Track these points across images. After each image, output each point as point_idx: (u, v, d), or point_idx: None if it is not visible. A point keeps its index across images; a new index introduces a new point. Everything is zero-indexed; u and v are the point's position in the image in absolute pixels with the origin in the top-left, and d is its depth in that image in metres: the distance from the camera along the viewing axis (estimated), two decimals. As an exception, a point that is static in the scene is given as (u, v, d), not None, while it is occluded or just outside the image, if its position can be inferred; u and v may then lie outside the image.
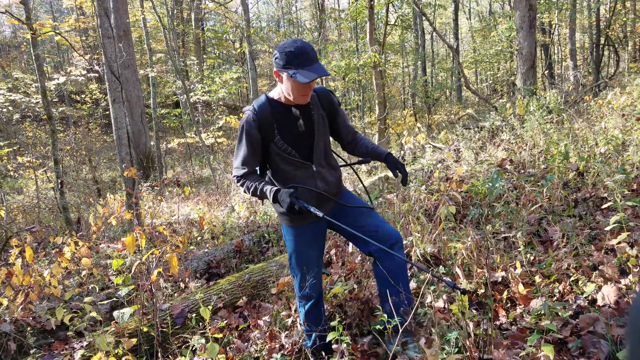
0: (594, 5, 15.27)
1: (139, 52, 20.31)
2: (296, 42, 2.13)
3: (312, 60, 2.10)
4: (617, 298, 2.38)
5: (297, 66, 2.07)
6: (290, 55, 2.08)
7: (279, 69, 2.14)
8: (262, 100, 2.32)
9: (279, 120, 2.28)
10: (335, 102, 2.44)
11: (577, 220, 3.61)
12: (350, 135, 2.53)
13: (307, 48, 2.10)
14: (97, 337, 2.25)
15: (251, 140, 2.27)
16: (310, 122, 2.33)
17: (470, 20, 27.09)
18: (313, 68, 2.09)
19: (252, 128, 2.25)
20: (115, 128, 6.54)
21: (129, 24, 10.59)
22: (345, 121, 2.51)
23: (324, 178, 2.38)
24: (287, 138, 2.29)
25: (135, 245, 2.76)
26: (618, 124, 5.83)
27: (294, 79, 2.07)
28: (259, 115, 2.26)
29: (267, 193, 2.23)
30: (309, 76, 2.06)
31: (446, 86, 21.24)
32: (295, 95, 2.19)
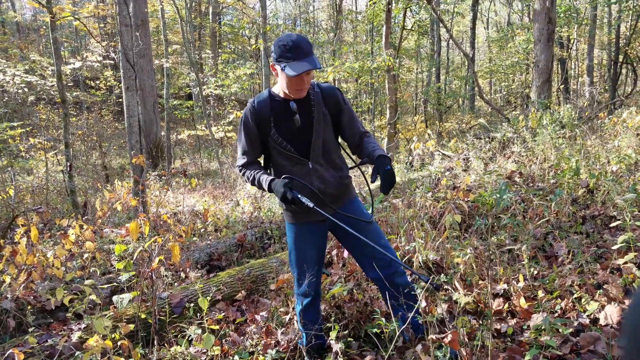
0: (615, 22, 15.15)
1: (155, 42, 20.41)
2: (291, 35, 2.13)
3: (305, 54, 2.09)
4: (620, 318, 2.35)
5: (288, 59, 2.08)
6: (283, 49, 2.08)
7: (273, 62, 2.16)
8: (263, 94, 2.35)
9: (277, 115, 2.29)
10: (340, 100, 2.39)
11: (584, 237, 3.58)
12: (357, 137, 2.43)
13: (301, 42, 2.10)
14: (95, 320, 2.26)
15: (248, 132, 2.33)
16: (309, 119, 2.30)
17: (487, 30, 26.96)
18: (304, 61, 2.08)
19: (249, 120, 2.31)
20: (127, 116, 6.57)
21: (147, 13, 10.66)
22: (351, 122, 2.43)
23: (321, 176, 2.34)
24: (284, 133, 2.30)
25: (138, 232, 2.76)
26: (632, 143, 5.77)
27: (284, 72, 2.08)
28: (257, 108, 2.29)
29: (263, 182, 2.27)
30: (297, 69, 2.06)
31: (459, 94, 21.14)
32: (289, 89, 2.20)
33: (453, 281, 2.96)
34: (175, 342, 2.87)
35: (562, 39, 17.13)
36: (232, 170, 11.39)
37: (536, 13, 9.87)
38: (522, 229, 3.71)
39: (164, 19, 15.56)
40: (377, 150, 2.31)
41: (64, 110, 6.69)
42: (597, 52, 20.12)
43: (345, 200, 2.44)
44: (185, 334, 2.77)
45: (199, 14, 21.00)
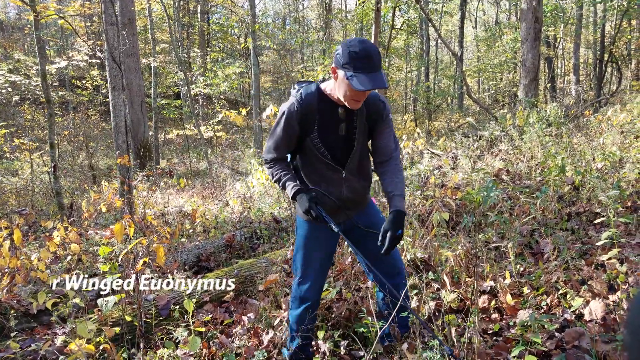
0: (600, 22, 15.32)
1: (142, 41, 20.25)
2: (364, 42, 1.94)
3: (375, 67, 1.91)
4: (604, 314, 2.37)
5: (356, 69, 1.90)
6: (353, 56, 1.90)
7: (337, 65, 1.98)
8: (311, 90, 2.16)
9: (322, 118, 2.15)
10: (382, 114, 2.22)
11: (569, 234, 3.61)
12: (383, 157, 2.29)
13: (373, 52, 1.91)
14: (79, 323, 2.23)
15: (288, 130, 2.16)
16: (351, 128, 2.19)
17: (476, 29, 27.12)
18: (373, 76, 1.90)
19: (292, 118, 2.13)
20: (113, 115, 6.50)
21: (134, 11, 10.56)
22: (384, 139, 2.27)
23: (351, 186, 2.27)
24: (325, 138, 2.17)
25: (123, 233, 2.73)
26: (616, 141, 5.83)
27: (349, 81, 1.91)
28: (303, 106, 2.12)
29: (289, 190, 2.20)
30: (366, 84, 1.88)
31: (448, 94, 21.25)
32: (347, 99, 2.04)
33: (441, 276, 2.96)
34: (162, 345, 2.84)
35: (548, 38, 17.29)
36: (222, 170, 11.33)
37: (523, 12, 9.94)
38: (508, 226, 3.73)
39: (151, 18, 15.45)
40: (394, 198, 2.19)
41: (48, 110, 6.61)
42: (583, 51, 20.33)
43: (364, 204, 2.41)
44: (172, 337, 2.74)
45: (187, 13, 20.86)
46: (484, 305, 2.76)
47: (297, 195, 2.17)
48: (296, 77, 15.84)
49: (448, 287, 2.89)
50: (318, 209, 2.11)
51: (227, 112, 7.06)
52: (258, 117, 11.99)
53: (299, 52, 22.18)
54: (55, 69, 12.25)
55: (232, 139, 18.17)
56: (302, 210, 2.12)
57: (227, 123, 18.34)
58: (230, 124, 19.48)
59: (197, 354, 2.69)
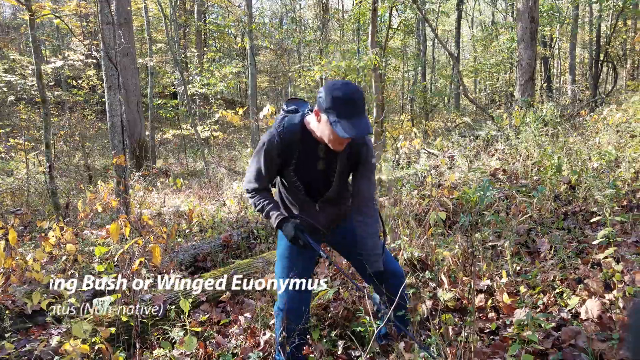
0: (595, 22, 15.36)
1: (139, 41, 20.20)
2: (347, 86, 1.91)
3: (359, 111, 1.90)
4: (600, 312, 2.38)
5: (340, 115, 1.88)
6: (337, 101, 1.87)
7: (320, 109, 1.94)
8: (295, 122, 2.12)
9: (302, 154, 2.14)
10: (363, 155, 2.19)
11: (565, 233, 3.61)
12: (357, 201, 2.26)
13: (356, 96, 1.90)
14: (74, 324, 2.21)
15: (267, 162, 2.15)
16: (331, 167, 2.18)
17: (472, 29, 27.16)
18: (357, 122, 1.88)
19: (272, 150, 2.11)
20: (109, 115, 6.47)
21: (130, 11, 10.54)
22: (360, 184, 2.24)
23: (328, 213, 2.30)
24: (302, 173, 2.18)
25: (119, 233, 2.72)
26: (612, 140, 5.84)
27: (332, 127, 1.89)
28: (284, 140, 2.10)
29: (272, 219, 2.19)
30: (350, 131, 1.86)
31: (444, 93, 21.27)
32: (330, 142, 2.02)
33: (439, 276, 2.96)
34: (158, 345, 2.83)
35: (545, 38, 17.33)
36: (219, 170, 11.31)
37: (519, 12, 9.97)
38: (505, 225, 3.73)
39: (147, 17, 15.41)
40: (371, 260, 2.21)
41: (44, 110, 6.58)
42: (579, 50, 20.39)
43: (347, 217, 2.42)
44: (168, 337, 2.73)
45: (184, 13, 20.83)
46: (480, 304, 2.76)
47: (282, 225, 2.17)
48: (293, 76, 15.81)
49: (445, 286, 2.89)
50: (304, 236, 2.11)
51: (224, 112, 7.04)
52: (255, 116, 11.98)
53: (296, 52, 22.18)
54: (51, 68, 12.21)
55: (229, 139, 18.14)
56: (288, 239, 2.13)
57: (224, 123, 18.31)
58: (227, 124, 19.46)
59: (194, 354, 2.68)
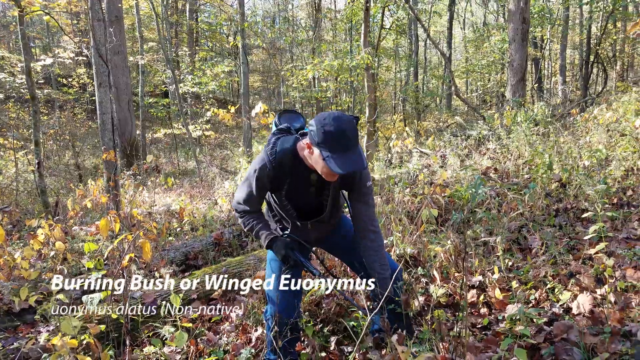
0: (586, 23, 15.49)
1: (130, 39, 20.07)
2: (339, 120, 1.86)
3: (351, 145, 1.86)
4: (592, 307, 2.38)
5: (333, 150, 1.84)
6: (328, 136, 1.84)
7: (312, 143, 1.91)
8: (287, 149, 2.08)
9: (293, 180, 2.12)
10: (356, 182, 2.16)
11: (556, 229, 3.63)
12: (358, 224, 2.24)
13: (348, 131, 1.86)
14: (63, 320, 2.18)
15: (258, 188, 2.14)
16: (323, 193, 2.18)
17: (464, 31, 27.29)
18: (350, 157, 1.85)
19: (264, 177, 2.10)
20: (99, 113, 6.42)
21: (121, 8, 10.47)
22: (357, 211, 2.21)
23: (318, 230, 2.32)
24: (293, 198, 2.18)
25: (109, 229, 2.68)
26: (602, 139, 5.89)
27: (326, 162, 1.86)
28: (276, 167, 2.07)
29: (262, 239, 2.20)
30: (344, 168, 1.83)
31: (436, 94, 21.35)
32: (323, 174, 1.99)
33: (431, 272, 2.96)
34: (149, 343, 2.80)
35: (535, 39, 17.45)
36: (210, 169, 11.26)
37: (511, 13, 10.02)
38: (496, 222, 3.74)
39: (139, 15, 15.32)
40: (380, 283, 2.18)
41: (33, 107, 6.50)
42: (570, 52, 20.55)
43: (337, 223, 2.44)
44: (159, 334, 2.70)
45: (176, 11, 20.73)
46: (472, 300, 2.76)
47: (272, 244, 2.18)
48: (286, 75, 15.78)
49: (438, 282, 2.89)
50: (295, 254, 2.12)
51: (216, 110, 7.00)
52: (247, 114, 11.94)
53: (289, 52, 22.15)
54: (41, 66, 12.09)
55: (221, 139, 18.07)
56: (280, 258, 2.15)
57: (215, 122, 18.24)
58: (219, 123, 19.39)
59: (185, 352, 2.66)
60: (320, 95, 15.67)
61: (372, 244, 2.21)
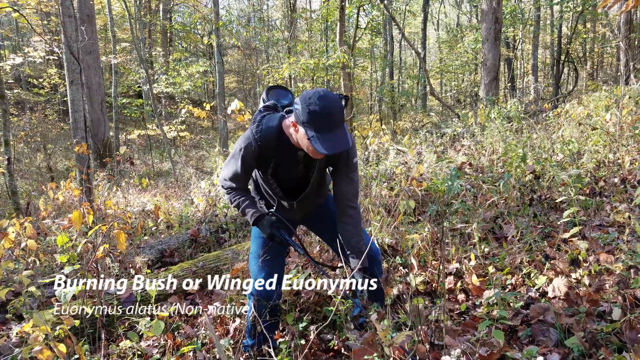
0: (557, 23, 15.87)
1: (102, 40, 19.72)
2: (325, 99, 1.82)
3: (337, 124, 1.83)
4: (567, 290, 2.43)
5: (318, 129, 1.81)
6: (314, 116, 1.80)
7: (297, 122, 1.88)
8: (272, 127, 2.06)
9: (279, 159, 2.10)
10: (343, 158, 2.14)
11: (531, 218, 3.69)
12: (339, 203, 2.21)
13: (334, 110, 1.82)
14: (35, 314, 2.12)
15: (245, 165, 2.13)
16: (309, 170, 2.16)
17: (438, 32, 27.64)
18: (336, 137, 1.82)
19: (249, 155, 2.08)
20: (71, 111, 6.26)
21: (93, 6, 10.27)
22: (342, 185, 2.18)
23: (304, 207, 2.32)
24: (279, 177, 2.18)
25: (82, 222, 2.62)
26: (574, 134, 6.02)
27: (311, 142, 1.83)
28: (261, 145, 2.05)
29: (248, 216, 2.19)
30: (329, 148, 1.80)
31: (412, 94, 21.56)
32: (308, 152, 1.97)
33: (409, 259, 2.97)
34: (125, 337, 2.74)
35: (508, 39, 17.80)
36: (185, 169, 11.11)
37: (484, 13, 10.19)
38: (472, 212, 3.79)
39: (111, 14, 15.06)
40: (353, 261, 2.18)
41: (2, 106, 6.32)
42: (541, 51, 21.01)
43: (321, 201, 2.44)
44: (136, 329, 2.65)
45: (149, 11, 20.44)
46: (450, 287, 2.78)
47: (258, 222, 2.18)
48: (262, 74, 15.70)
49: (415, 269, 2.90)
50: (281, 232, 2.13)
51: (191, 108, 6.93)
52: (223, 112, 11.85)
53: (264, 52, 22.08)
54: (10, 65, 11.76)
55: (197, 140, 17.88)
56: (265, 236, 2.16)
57: (190, 123, 18.04)
58: (194, 125, 19.19)
59: (162, 345, 2.61)
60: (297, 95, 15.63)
61: (350, 220, 2.20)
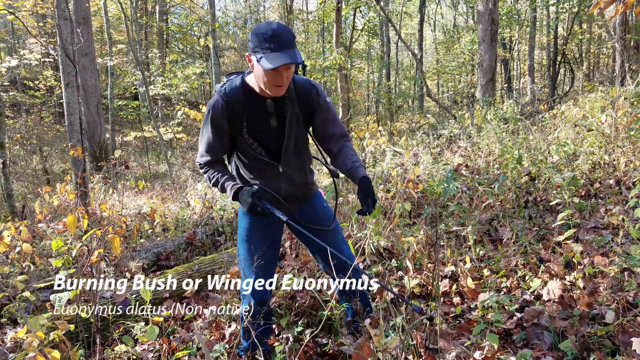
0: (553, 24, 15.92)
1: (98, 41, 19.68)
2: (271, 24, 1.86)
3: (285, 44, 1.82)
4: (561, 292, 2.44)
5: (265, 50, 1.81)
6: (260, 37, 1.82)
7: (250, 53, 1.89)
8: (236, 83, 2.05)
9: (250, 113, 2.05)
10: (315, 98, 2.10)
11: (526, 220, 3.70)
12: (332, 144, 2.16)
13: (281, 30, 1.83)
14: (30, 319, 2.11)
15: (216, 128, 2.07)
16: (282, 119, 2.07)
17: (434, 33, 27.70)
18: (284, 54, 1.80)
19: (218, 115, 2.03)
20: (67, 114, 6.25)
21: (89, 8, 10.25)
22: (325, 124, 2.15)
23: (291, 180, 2.18)
24: (256, 133, 2.08)
25: (77, 226, 2.61)
26: (570, 135, 6.04)
27: (260, 65, 1.82)
28: (228, 102, 2.02)
29: (228, 190, 2.08)
30: (275, 61, 1.78)
31: (408, 95, 21.59)
32: (267, 86, 1.92)
33: (404, 262, 2.98)
34: (120, 341, 2.73)
35: (504, 40, 17.84)
36: (182, 171, 11.09)
37: (480, 14, 10.22)
38: (468, 214, 3.80)
39: (107, 17, 15.03)
40: (356, 170, 2.07)
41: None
42: (537, 52, 21.08)
43: (308, 196, 2.32)
44: (131, 333, 2.64)
45: (145, 13, 20.40)
46: (445, 290, 2.79)
47: (239, 194, 2.05)
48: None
49: (411, 273, 2.91)
50: (263, 203, 2.00)
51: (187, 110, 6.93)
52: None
53: (261, 54, 22.01)
54: (6, 68, 11.73)
55: (193, 141, 17.85)
56: (246, 208, 2.01)
57: (187, 125, 18.01)
58: (190, 126, 19.16)
59: (157, 350, 2.60)
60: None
61: (347, 149, 2.15)
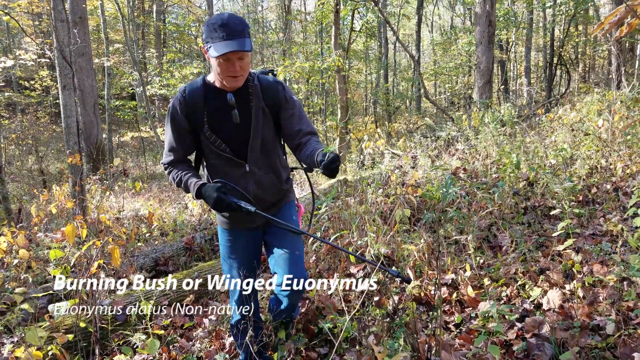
0: (549, 25, 15.95)
1: (95, 41, 19.60)
2: (223, 14, 1.87)
3: (234, 33, 1.83)
4: (561, 302, 2.44)
5: (214, 39, 1.83)
6: (211, 27, 1.84)
7: (204, 45, 1.91)
8: (196, 81, 2.07)
9: (211, 108, 2.03)
10: (281, 95, 2.09)
11: (525, 227, 3.71)
12: (298, 140, 2.06)
13: (232, 21, 1.84)
14: (28, 331, 2.09)
15: (176, 126, 2.05)
16: (247, 115, 2.04)
17: (432, 34, 27.74)
18: (234, 42, 1.82)
19: (177, 113, 2.03)
20: (64, 116, 6.23)
21: (85, 9, 10.20)
22: (292, 121, 2.09)
23: (258, 181, 2.10)
24: (219, 130, 2.04)
25: (75, 235, 2.59)
26: (567, 139, 6.05)
27: (209, 54, 1.85)
28: (187, 99, 2.02)
29: (191, 187, 2.02)
30: (223, 49, 1.80)
31: (406, 96, 21.61)
32: (221, 76, 1.92)
33: (405, 270, 2.97)
34: (119, 351, 2.72)
35: (501, 42, 17.87)
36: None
37: (477, 16, 10.23)
38: (467, 220, 3.80)
39: (104, 16, 14.98)
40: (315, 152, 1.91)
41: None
42: (534, 54, 21.13)
43: (278, 205, 2.25)
44: (130, 342, 2.63)
45: (142, 12, 20.34)
46: (445, 298, 2.79)
47: (202, 190, 1.99)
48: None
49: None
50: (228, 197, 1.93)
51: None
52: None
53: (259, 54, 22.04)
54: (1, 68, 11.67)
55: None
56: (211, 203, 1.92)
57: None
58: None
59: (157, 359, 2.59)
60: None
61: (311, 141, 2.03)
